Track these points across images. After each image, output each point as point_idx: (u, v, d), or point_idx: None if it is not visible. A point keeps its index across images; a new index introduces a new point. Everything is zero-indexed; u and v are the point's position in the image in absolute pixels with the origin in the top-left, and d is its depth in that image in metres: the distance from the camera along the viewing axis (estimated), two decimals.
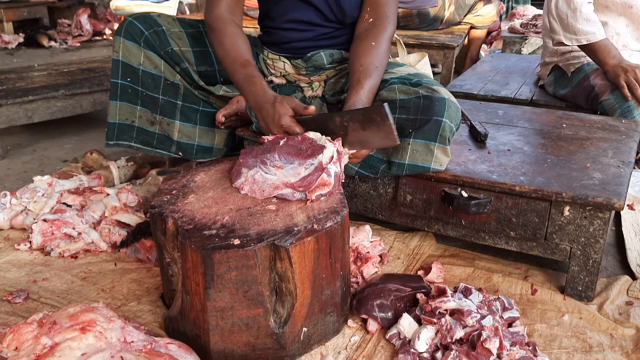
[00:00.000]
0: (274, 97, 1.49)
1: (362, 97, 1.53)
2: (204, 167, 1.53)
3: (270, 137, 1.43)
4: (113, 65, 1.73)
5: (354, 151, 1.43)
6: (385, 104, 1.32)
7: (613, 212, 1.45)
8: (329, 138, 1.38)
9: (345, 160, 1.43)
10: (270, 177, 1.33)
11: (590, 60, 2.39)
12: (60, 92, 2.79)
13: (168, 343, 1.13)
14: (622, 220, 1.91)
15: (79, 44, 5.53)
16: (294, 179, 1.31)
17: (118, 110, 1.75)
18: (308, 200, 1.30)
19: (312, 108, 1.45)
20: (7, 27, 5.59)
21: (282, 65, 1.82)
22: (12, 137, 3.03)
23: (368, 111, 1.37)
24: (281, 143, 1.39)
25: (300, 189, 1.30)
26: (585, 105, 2.38)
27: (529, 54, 4.30)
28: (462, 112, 1.73)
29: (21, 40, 5.45)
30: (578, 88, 2.39)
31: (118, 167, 2.19)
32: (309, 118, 1.45)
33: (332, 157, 1.34)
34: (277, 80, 1.85)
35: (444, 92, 1.55)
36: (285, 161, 1.34)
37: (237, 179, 1.38)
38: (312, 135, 1.39)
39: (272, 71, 1.86)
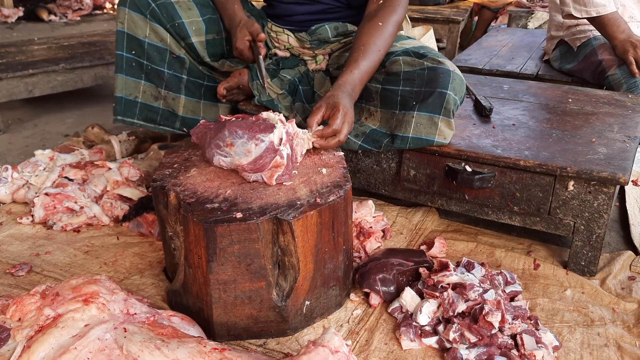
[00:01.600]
0: (239, 20, 1.69)
1: (355, 77, 1.49)
2: None
3: (227, 117, 1.39)
4: (117, 37, 1.68)
5: (316, 139, 1.39)
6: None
7: (617, 187, 1.44)
8: (282, 118, 1.33)
9: (306, 144, 1.39)
10: (228, 160, 1.30)
11: (597, 34, 2.36)
12: (61, 66, 2.77)
13: (171, 315, 1.14)
14: (626, 196, 1.90)
15: (79, 18, 5.48)
16: (245, 159, 1.26)
17: (124, 84, 1.71)
18: (269, 185, 1.26)
19: (262, 35, 1.66)
20: (6, 0, 5.53)
21: (286, 39, 1.80)
22: (13, 112, 3.02)
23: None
24: (232, 119, 1.35)
25: (252, 171, 1.26)
26: (591, 80, 2.36)
27: (535, 28, 4.25)
28: (467, 86, 1.71)
29: (21, 14, 5.39)
30: (585, 63, 2.37)
31: (119, 142, 2.18)
32: (257, 53, 1.67)
33: (282, 139, 1.28)
34: (280, 53, 1.82)
35: (449, 64, 1.53)
36: (234, 136, 1.29)
37: (212, 163, 1.36)
38: (265, 115, 1.35)
39: (276, 44, 1.83)
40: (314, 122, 1.38)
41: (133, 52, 1.69)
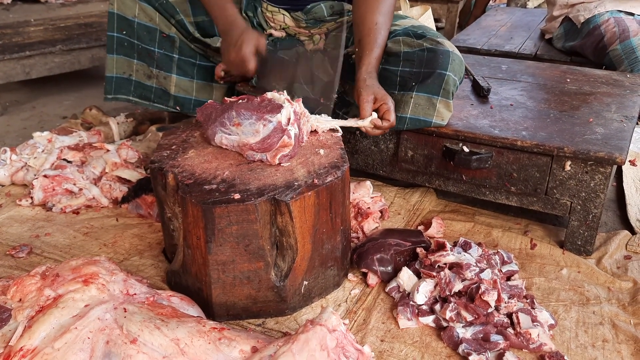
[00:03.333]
0: (245, 26, 1.57)
1: (378, 58, 1.51)
2: None
3: (233, 99, 1.40)
4: (109, 18, 1.70)
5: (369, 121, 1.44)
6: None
7: (614, 167, 1.45)
8: (288, 98, 1.33)
9: (309, 124, 1.40)
10: (233, 137, 1.31)
11: (601, 10, 2.38)
12: (58, 48, 2.75)
13: (170, 296, 1.15)
14: (623, 176, 1.90)
15: None
16: (253, 139, 1.27)
17: (115, 63, 1.73)
18: (271, 164, 1.27)
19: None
20: None
21: (282, 18, 1.79)
22: (10, 94, 3.01)
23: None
24: (239, 102, 1.35)
25: (260, 151, 1.27)
26: (592, 57, 2.37)
27: (535, 7, 4.22)
28: (465, 66, 1.71)
29: None
30: (588, 38, 2.38)
31: (117, 124, 2.17)
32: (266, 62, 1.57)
33: (289, 119, 1.28)
34: (276, 34, 1.81)
35: (448, 45, 1.53)
36: (242, 117, 1.30)
37: (213, 140, 1.37)
38: (270, 95, 1.36)
39: (272, 24, 1.82)
40: (370, 110, 1.42)
41: (124, 32, 1.70)
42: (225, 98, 1.39)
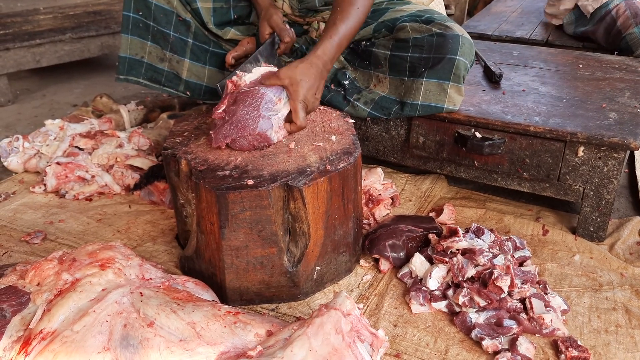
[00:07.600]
0: (260, 10, 1.67)
1: (334, 42, 1.43)
2: None
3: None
4: None
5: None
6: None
7: (628, 153, 1.44)
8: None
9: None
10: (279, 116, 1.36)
11: None
12: (67, 36, 2.75)
13: (185, 280, 1.16)
14: (635, 162, 1.89)
15: None
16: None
17: (129, 44, 1.71)
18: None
19: (287, 39, 1.59)
20: None
21: (281, 4, 1.78)
22: (21, 82, 3.02)
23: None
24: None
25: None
26: (604, 42, 2.35)
27: None
28: (476, 52, 1.70)
29: None
30: (600, 24, 2.36)
31: (128, 111, 2.18)
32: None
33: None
34: None
35: (457, 29, 1.52)
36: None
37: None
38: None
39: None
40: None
41: (140, 13, 1.69)
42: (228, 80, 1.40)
